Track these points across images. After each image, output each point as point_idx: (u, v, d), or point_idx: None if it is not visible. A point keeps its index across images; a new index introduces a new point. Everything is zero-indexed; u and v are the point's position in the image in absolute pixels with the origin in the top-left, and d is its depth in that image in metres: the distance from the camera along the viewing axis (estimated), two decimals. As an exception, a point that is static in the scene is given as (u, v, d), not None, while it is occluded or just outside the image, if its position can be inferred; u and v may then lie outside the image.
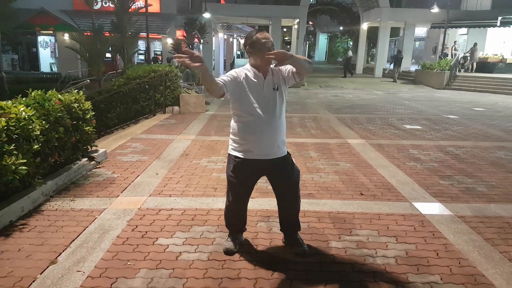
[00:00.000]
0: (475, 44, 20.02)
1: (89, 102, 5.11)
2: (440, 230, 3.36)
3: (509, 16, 20.03)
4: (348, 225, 3.46)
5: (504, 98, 14.52)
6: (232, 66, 32.02)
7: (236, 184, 2.82)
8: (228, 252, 2.95)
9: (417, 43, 33.00)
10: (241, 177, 2.79)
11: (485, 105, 12.49)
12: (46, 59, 24.35)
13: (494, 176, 4.93)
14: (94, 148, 5.23)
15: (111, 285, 2.55)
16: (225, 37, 29.18)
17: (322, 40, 50.74)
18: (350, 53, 26.64)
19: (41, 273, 2.66)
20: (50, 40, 24.13)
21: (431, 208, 3.87)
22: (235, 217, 3.03)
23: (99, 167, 5.02)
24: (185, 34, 19.42)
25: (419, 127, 8.32)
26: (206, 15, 20.14)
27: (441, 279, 2.64)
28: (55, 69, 23.86)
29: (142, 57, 24.63)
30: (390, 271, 2.73)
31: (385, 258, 2.91)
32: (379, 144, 6.57)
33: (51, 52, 24.48)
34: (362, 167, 5.27)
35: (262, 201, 3.89)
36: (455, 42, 22.97)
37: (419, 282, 2.60)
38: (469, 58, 20.35)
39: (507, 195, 4.29)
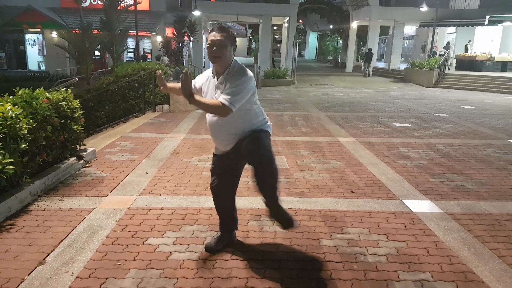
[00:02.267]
0: (448, 43, 20.72)
1: (78, 100, 5.03)
2: (431, 228, 3.38)
3: (496, 15, 20.30)
4: (339, 223, 3.46)
5: (492, 96, 14.72)
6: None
7: (215, 171, 2.87)
8: (207, 248, 2.96)
9: (407, 41, 33.27)
10: (217, 168, 2.87)
11: (473, 103, 12.65)
12: (34, 57, 24.00)
13: (483, 174, 4.99)
14: (82, 147, 5.16)
15: (101, 285, 2.52)
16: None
17: (312, 39, 50.88)
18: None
19: (29, 274, 2.62)
20: (38, 38, 23.79)
21: (421, 205, 3.90)
22: (217, 205, 2.97)
23: (88, 166, 4.95)
24: (174, 32, 19.28)
25: (408, 125, 8.39)
26: (196, 12, 20.04)
27: (432, 276, 2.66)
28: (43, 67, 23.54)
29: (131, 55, 24.42)
30: (381, 269, 2.74)
31: (376, 256, 2.91)
32: (369, 142, 6.60)
33: (39, 50, 24.13)
34: (352, 165, 5.28)
35: (253, 200, 3.87)
36: (448, 42, 23.22)
37: (410, 279, 2.61)
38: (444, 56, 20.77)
39: (496, 192, 4.34)
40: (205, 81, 2.77)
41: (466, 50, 21.56)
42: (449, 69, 19.58)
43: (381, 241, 3.13)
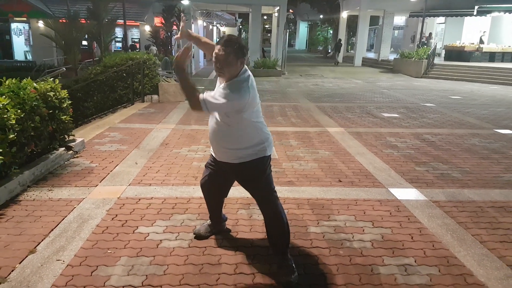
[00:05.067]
0: (430, 34, 21.01)
1: (66, 90, 4.99)
2: (415, 215, 3.48)
3: (485, 6, 20.46)
4: (326, 211, 3.53)
5: (479, 87, 14.92)
6: (212, 54, 31.66)
7: (207, 169, 2.83)
8: (196, 235, 3.01)
9: (396, 31, 33.40)
10: (210, 168, 2.80)
11: (461, 93, 12.82)
12: (20, 47, 23.54)
13: (468, 162, 5.11)
14: (71, 137, 5.14)
15: (92, 273, 2.55)
16: (205, 24, 28.76)
17: (303, 29, 50.74)
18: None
19: (20, 263, 2.64)
20: (24, 27, 23.32)
21: (406, 193, 3.99)
22: (206, 199, 2.97)
23: (77, 157, 4.94)
24: (163, 21, 19.05)
25: (396, 115, 8.49)
26: (185, 1, 19.75)
27: (415, 261, 2.75)
28: (29, 57, 23.11)
29: (119, 44, 24.09)
30: (366, 254, 2.82)
31: (361, 242, 2.99)
32: (358, 132, 6.69)
33: (25, 39, 23.68)
34: (340, 155, 5.36)
35: (243, 189, 3.91)
36: (430, 33, 23.44)
37: (394, 264, 2.70)
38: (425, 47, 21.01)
39: (480, 180, 4.46)
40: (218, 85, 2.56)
41: (481, 42, 21.48)
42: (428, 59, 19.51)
43: (367, 228, 3.22)
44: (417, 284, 2.48)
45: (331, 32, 37.22)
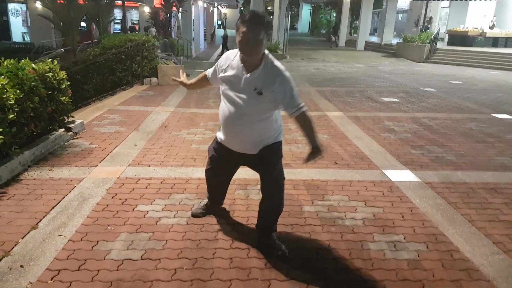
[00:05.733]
0: (431, 18, 20.76)
1: (64, 72, 5.02)
2: (408, 195, 3.56)
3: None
4: (321, 192, 3.61)
5: (481, 72, 14.86)
6: (212, 37, 31.40)
7: (215, 160, 2.73)
8: (193, 215, 3.07)
9: (400, 15, 33.02)
10: (219, 158, 2.69)
11: (462, 78, 12.78)
12: (17, 28, 23.39)
13: (463, 146, 5.16)
14: (71, 119, 5.19)
15: (92, 247, 2.64)
16: (205, 5, 28.43)
17: (305, 11, 50.12)
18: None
19: (22, 238, 2.73)
20: (21, 8, 23.11)
21: (400, 175, 4.06)
22: (209, 185, 3.00)
23: (77, 138, 5.01)
24: (162, 2, 18.83)
25: (396, 99, 8.51)
26: (186, -18, 19.52)
27: (404, 238, 2.84)
28: (27, 38, 22.98)
29: (118, 26, 23.87)
30: (357, 231, 2.91)
31: (353, 220, 3.08)
32: (356, 117, 6.73)
33: (23, 21, 23.50)
34: (338, 138, 5.42)
35: (240, 171, 3.93)
36: (430, 17, 23.18)
37: (383, 241, 2.79)
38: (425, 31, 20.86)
39: (473, 163, 4.53)
40: (226, 67, 2.40)
41: (492, 27, 21.14)
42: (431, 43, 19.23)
43: (359, 207, 3.30)
44: (405, 259, 2.58)
45: (334, 15, 36.78)
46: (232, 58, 2.39)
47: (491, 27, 20.97)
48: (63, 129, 4.82)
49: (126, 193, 3.49)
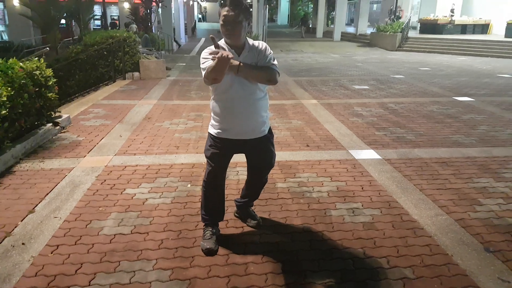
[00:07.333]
0: (397, 8, 22.03)
1: (50, 69, 5.26)
2: (368, 171, 3.99)
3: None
4: (293, 170, 4.02)
5: (449, 58, 15.53)
6: (193, 31, 31.40)
7: (216, 157, 2.62)
8: (210, 252, 2.63)
9: (375, 6, 33.62)
10: (218, 156, 2.61)
11: (431, 65, 13.38)
12: (-6, 27, 22.89)
13: (423, 126, 5.65)
14: (57, 114, 5.44)
15: (86, 226, 2.97)
16: (185, 0, 28.41)
17: (284, 3, 50.30)
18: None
19: (21, 221, 3.02)
20: (-2, 6, 22.60)
21: (364, 154, 4.51)
22: (209, 200, 2.76)
23: (64, 132, 5.27)
24: (142, -2, 18.84)
25: (366, 87, 8.98)
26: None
27: (362, 205, 3.27)
28: (5, 37, 22.54)
29: (98, 22, 23.69)
30: (322, 201, 3.33)
31: (319, 192, 3.50)
32: (329, 104, 7.15)
33: (0, 19, 23.00)
34: (311, 123, 5.83)
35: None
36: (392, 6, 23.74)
37: (344, 208, 3.22)
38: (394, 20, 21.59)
39: (431, 141, 5.00)
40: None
41: (452, 12, 21.88)
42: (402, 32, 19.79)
43: (326, 182, 3.72)
44: (361, 222, 3.00)
45: (312, 7, 37.16)
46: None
47: (452, 11, 21.78)
48: (50, 124, 5.08)
49: (114, 179, 3.81)
